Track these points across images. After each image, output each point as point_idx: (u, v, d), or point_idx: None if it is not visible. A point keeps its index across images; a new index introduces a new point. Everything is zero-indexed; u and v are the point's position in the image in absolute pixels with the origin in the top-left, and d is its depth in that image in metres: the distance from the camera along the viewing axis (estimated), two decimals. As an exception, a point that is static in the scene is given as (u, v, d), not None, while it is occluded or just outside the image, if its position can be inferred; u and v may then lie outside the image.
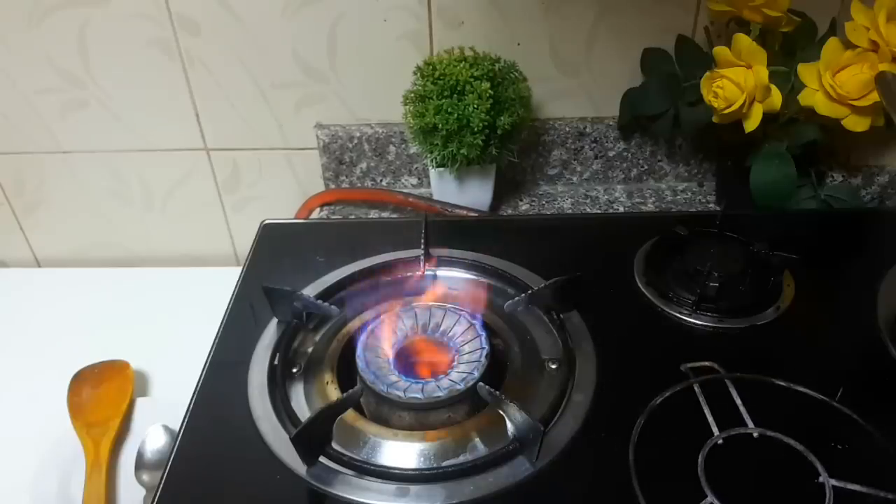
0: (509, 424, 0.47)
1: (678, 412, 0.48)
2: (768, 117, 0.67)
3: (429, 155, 0.72)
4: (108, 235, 0.93)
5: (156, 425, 0.63)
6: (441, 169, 0.74)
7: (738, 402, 0.48)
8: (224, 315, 0.59)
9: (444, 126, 0.68)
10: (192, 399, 0.51)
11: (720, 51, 0.66)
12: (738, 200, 0.71)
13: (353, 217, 0.81)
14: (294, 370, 0.53)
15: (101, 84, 0.80)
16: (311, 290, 0.58)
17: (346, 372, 0.52)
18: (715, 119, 0.69)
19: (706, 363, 0.51)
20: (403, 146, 0.81)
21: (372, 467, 0.45)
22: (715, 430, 0.46)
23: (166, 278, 0.87)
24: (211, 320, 0.58)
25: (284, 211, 0.84)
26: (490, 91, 0.67)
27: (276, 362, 0.53)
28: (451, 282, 0.62)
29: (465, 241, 0.64)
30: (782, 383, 0.50)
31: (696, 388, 0.49)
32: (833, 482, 0.43)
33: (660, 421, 0.47)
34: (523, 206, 0.82)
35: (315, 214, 0.82)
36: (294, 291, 0.55)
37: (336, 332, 0.56)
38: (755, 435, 0.46)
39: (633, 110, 0.76)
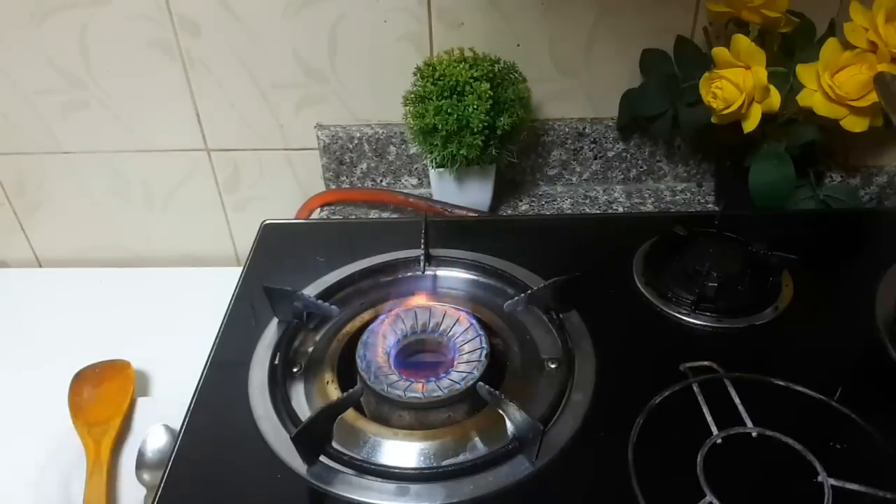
0: (509, 424, 0.47)
1: (677, 412, 0.48)
2: (767, 118, 0.67)
3: (429, 155, 0.72)
4: (109, 236, 0.93)
5: (156, 425, 0.64)
6: (441, 169, 0.74)
7: (737, 401, 0.48)
8: (225, 315, 0.59)
9: (443, 127, 0.68)
10: (192, 399, 0.51)
11: (719, 51, 0.66)
12: (736, 201, 0.72)
13: (353, 217, 0.82)
14: (294, 370, 0.53)
15: (102, 84, 0.80)
16: (311, 290, 0.58)
17: (347, 371, 0.52)
18: (714, 120, 0.69)
19: (705, 363, 0.51)
20: (403, 147, 0.81)
21: (372, 466, 0.45)
22: (714, 429, 0.46)
23: (167, 278, 0.88)
24: (212, 320, 0.58)
25: (285, 211, 0.84)
26: (490, 92, 0.67)
27: (276, 362, 0.53)
28: (451, 282, 0.62)
29: (465, 241, 0.65)
30: (781, 383, 0.50)
31: (696, 388, 0.49)
32: (832, 481, 0.43)
33: (659, 420, 0.47)
34: (523, 207, 0.82)
35: (315, 214, 0.82)
36: (294, 291, 0.55)
37: (336, 332, 0.56)
38: (754, 434, 0.46)
39: (632, 111, 0.76)
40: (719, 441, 0.46)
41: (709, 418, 0.47)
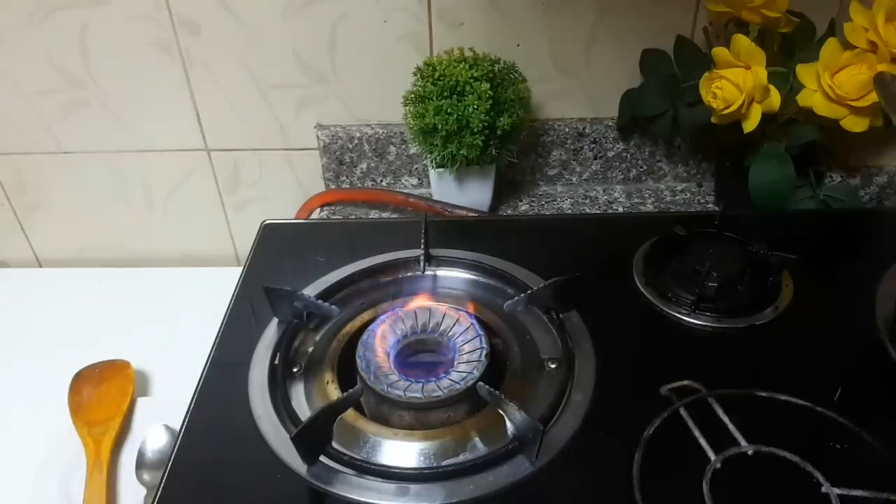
0: (509, 424, 0.47)
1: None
2: (767, 118, 0.67)
3: (429, 155, 0.72)
4: (109, 236, 0.93)
5: (156, 425, 0.64)
6: (441, 169, 0.74)
7: (726, 419, 0.47)
8: (225, 315, 0.59)
9: (443, 127, 0.68)
10: (192, 399, 0.51)
11: (719, 51, 0.66)
12: (736, 201, 0.72)
13: (353, 217, 0.82)
14: (294, 370, 0.54)
15: (102, 84, 0.80)
16: (311, 290, 0.58)
17: (347, 371, 0.52)
18: (714, 120, 0.69)
19: (685, 382, 0.50)
20: (403, 147, 0.81)
21: (372, 466, 0.45)
22: (711, 454, 0.45)
23: (167, 278, 0.88)
24: (212, 320, 0.58)
25: (285, 211, 0.84)
26: (490, 92, 0.67)
27: (276, 362, 0.53)
28: (451, 282, 0.62)
29: (465, 241, 0.65)
30: (764, 394, 0.49)
31: (682, 412, 0.48)
32: (836, 490, 0.43)
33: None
34: (523, 207, 0.82)
35: (315, 214, 0.82)
36: (294, 291, 0.55)
37: (336, 332, 0.56)
38: (750, 453, 0.45)
39: (632, 111, 0.76)
40: (719, 466, 0.44)
41: (702, 442, 0.46)
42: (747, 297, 0.58)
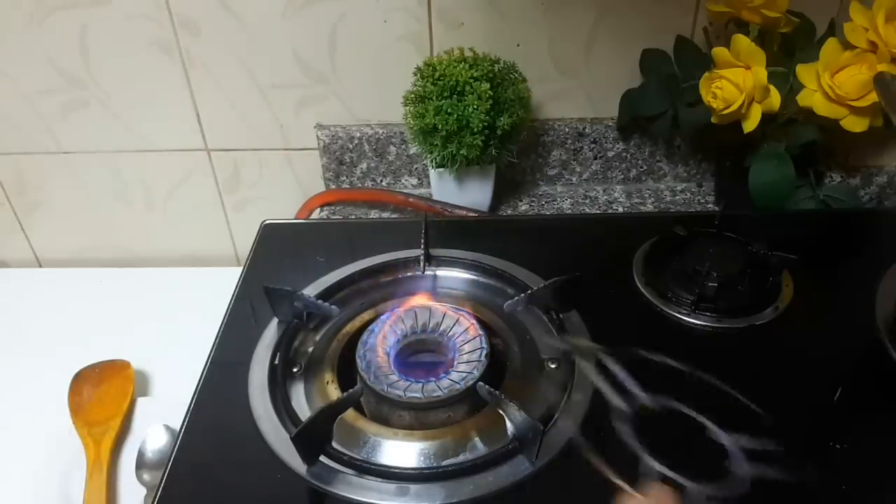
0: (509, 424, 0.47)
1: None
2: (767, 118, 0.67)
3: (429, 155, 0.72)
4: (109, 236, 0.93)
5: (156, 425, 0.64)
6: (441, 169, 0.74)
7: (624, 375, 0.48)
8: (225, 315, 0.59)
9: (443, 127, 0.68)
10: (192, 399, 0.51)
11: (719, 51, 0.66)
12: (736, 201, 0.72)
13: (353, 217, 0.82)
14: (294, 370, 0.54)
15: (102, 84, 0.80)
16: (311, 290, 0.58)
17: (347, 371, 0.52)
18: (714, 120, 0.69)
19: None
20: (403, 146, 0.81)
21: (372, 466, 0.45)
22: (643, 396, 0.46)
23: (167, 278, 0.88)
24: (211, 320, 0.58)
25: (285, 211, 0.84)
26: (490, 92, 0.67)
27: (276, 362, 0.53)
28: (451, 282, 0.62)
29: (465, 241, 0.65)
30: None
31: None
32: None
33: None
34: (523, 207, 0.82)
35: (315, 214, 0.82)
36: (294, 291, 0.55)
37: (336, 332, 0.56)
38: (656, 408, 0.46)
39: (632, 111, 0.76)
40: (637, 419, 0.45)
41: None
42: (747, 297, 0.58)
